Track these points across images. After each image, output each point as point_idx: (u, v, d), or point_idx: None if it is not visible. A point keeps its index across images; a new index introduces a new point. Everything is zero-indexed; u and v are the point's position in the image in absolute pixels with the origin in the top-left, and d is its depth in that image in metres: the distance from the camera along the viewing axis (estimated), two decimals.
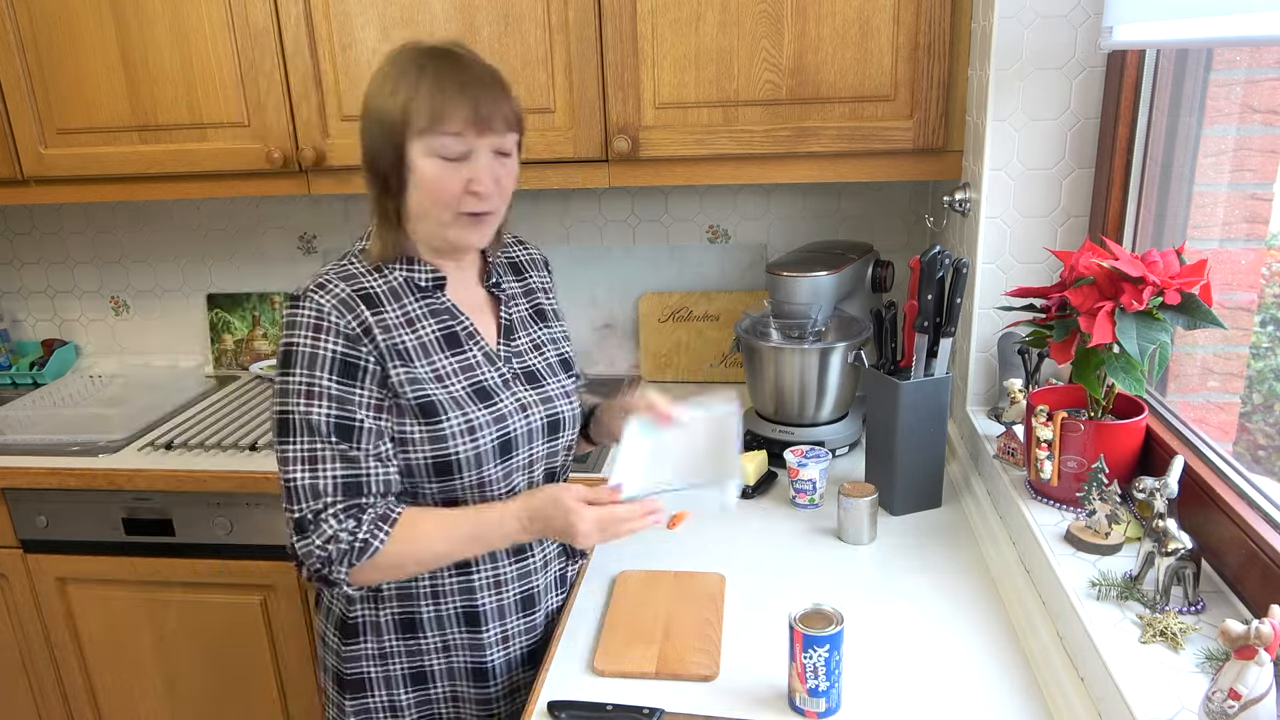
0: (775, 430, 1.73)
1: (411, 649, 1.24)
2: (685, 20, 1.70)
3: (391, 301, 1.16)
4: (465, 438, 1.16)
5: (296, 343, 1.11)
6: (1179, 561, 1.02)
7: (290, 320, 1.12)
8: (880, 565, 1.36)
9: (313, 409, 1.11)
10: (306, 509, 1.10)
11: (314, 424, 1.11)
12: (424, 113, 1.09)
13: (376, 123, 1.12)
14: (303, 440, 1.11)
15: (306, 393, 1.11)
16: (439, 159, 1.11)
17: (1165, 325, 1.13)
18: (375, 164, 1.14)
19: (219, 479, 1.82)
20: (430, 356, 1.17)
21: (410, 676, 1.24)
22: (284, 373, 1.12)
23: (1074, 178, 1.49)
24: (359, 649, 1.23)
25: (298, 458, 1.11)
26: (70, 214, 2.43)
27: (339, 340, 1.11)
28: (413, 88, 1.09)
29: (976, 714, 1.04)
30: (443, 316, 1.20)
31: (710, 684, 1.12)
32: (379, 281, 1.17)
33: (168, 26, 1.85)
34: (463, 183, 1.12)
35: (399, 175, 1.13)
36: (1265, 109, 1.22)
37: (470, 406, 1.17)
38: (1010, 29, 1.43)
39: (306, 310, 1.12)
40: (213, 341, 2.46)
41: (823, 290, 1.72)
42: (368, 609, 1.22)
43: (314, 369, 1.11)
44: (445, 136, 1.10)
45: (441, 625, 1.23)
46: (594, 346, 2.31)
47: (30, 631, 2.04)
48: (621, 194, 2.22)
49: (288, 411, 1.11)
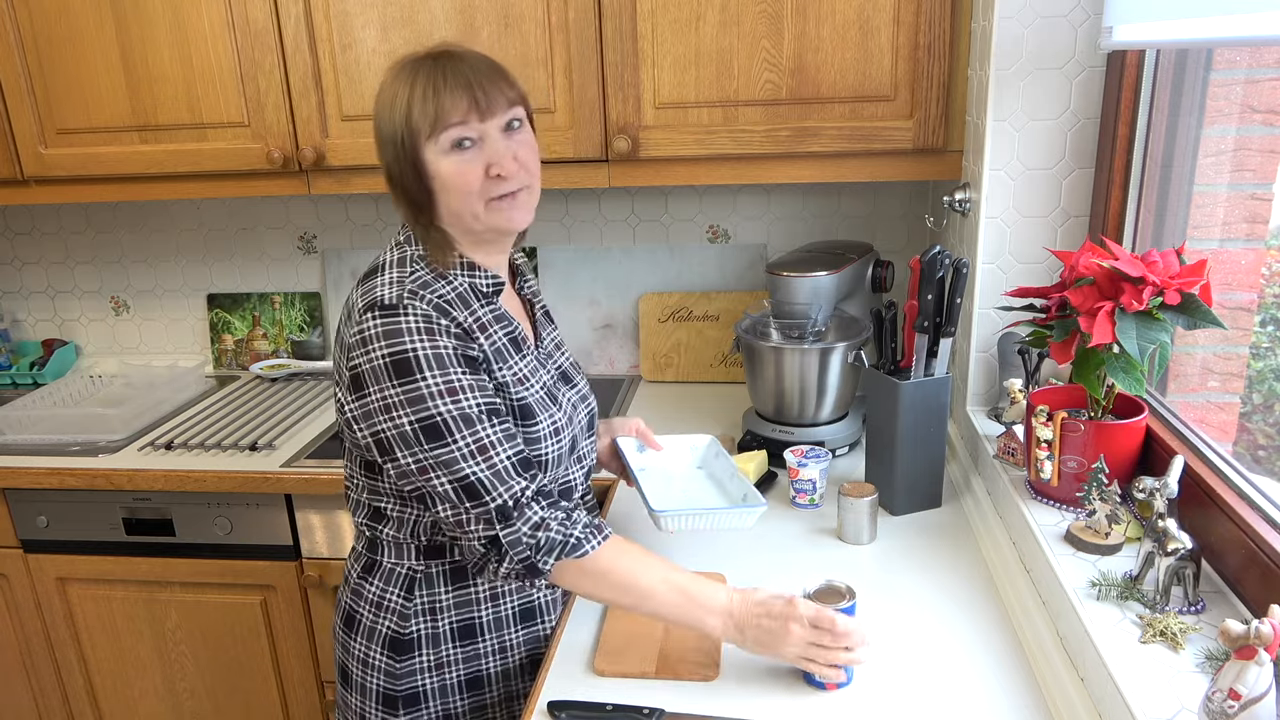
0: (775, 430, 1.73)
1: (469, 654, 1.23)
2: (685, 20, 1.70)
3: (463, 308, 1.14)
4: (552, 439, 1.19)
5: (412, 347, 1.07)
6: (1179, 561, 1.02)
7: (390, 329, 1.07)
8: (880, 565, 1.36)
9: (461, 402, 1.07)
10: (503, 496, 1.07)
11: (469, 416, 1.08)
12: (425, 116, 1.09)
13: (389, 142, 1.12)
14: (463, 435, 1.07)
15: (447, 390, 1.07)
16: (453, 154, 1.11)
17: (1165, 325, 1.13)
18: (399, 182, 1.14)
19: (219, 479, 1.82)
20: (508, 360, 1.17)
21: (467, 682, 1.23)
22: (407, 380, 1.06)
23: (1074, 178, 1.49)
24: (414, 663, 1.21)
25: (466, 454, 1.07)
26: (70, 214, 2.43)
27: (452, 339, 1.09)
28: (409, 96, 1.09)
29: (977, 714, 1.04)
30: (504, 322, 1.20)
31: (710, 684, 1.12)
32: (448, 289, 1.14)
33: (168, 26, 1.85)
34: (483, 169, 1.12)
35: (424, 186, 1.12)
36: (1265, 109, 1.22)
37: (550, 407, 1.20)
38: (1010, 29, 1.43)
39: (411, 316, 1.08)
40: (213, 341, 2.46)
41: (823, 290, 1.72)
42: (424, 622, 1.21)
43: (445, 367, 1.07)
44: (450, 129, 1.09)
45: (500, 626, 1.23)
46: (594, 346, 2.32)
47: (30, 631, 2.04)
48: (621, 194, 2.22)
49: (432, 414, 1.06)
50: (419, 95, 1.09)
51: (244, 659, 1.98)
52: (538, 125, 1.77)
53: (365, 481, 1.21)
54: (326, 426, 2.02)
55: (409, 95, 1.09)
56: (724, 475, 1.39)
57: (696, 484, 1.42)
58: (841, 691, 1.09)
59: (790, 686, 1.10)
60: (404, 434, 1.07)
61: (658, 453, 1.43)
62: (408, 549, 1.21)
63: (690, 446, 1.45)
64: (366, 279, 1.15)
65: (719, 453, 1.42)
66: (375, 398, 1.08)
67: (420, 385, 1.07)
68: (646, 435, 1.44)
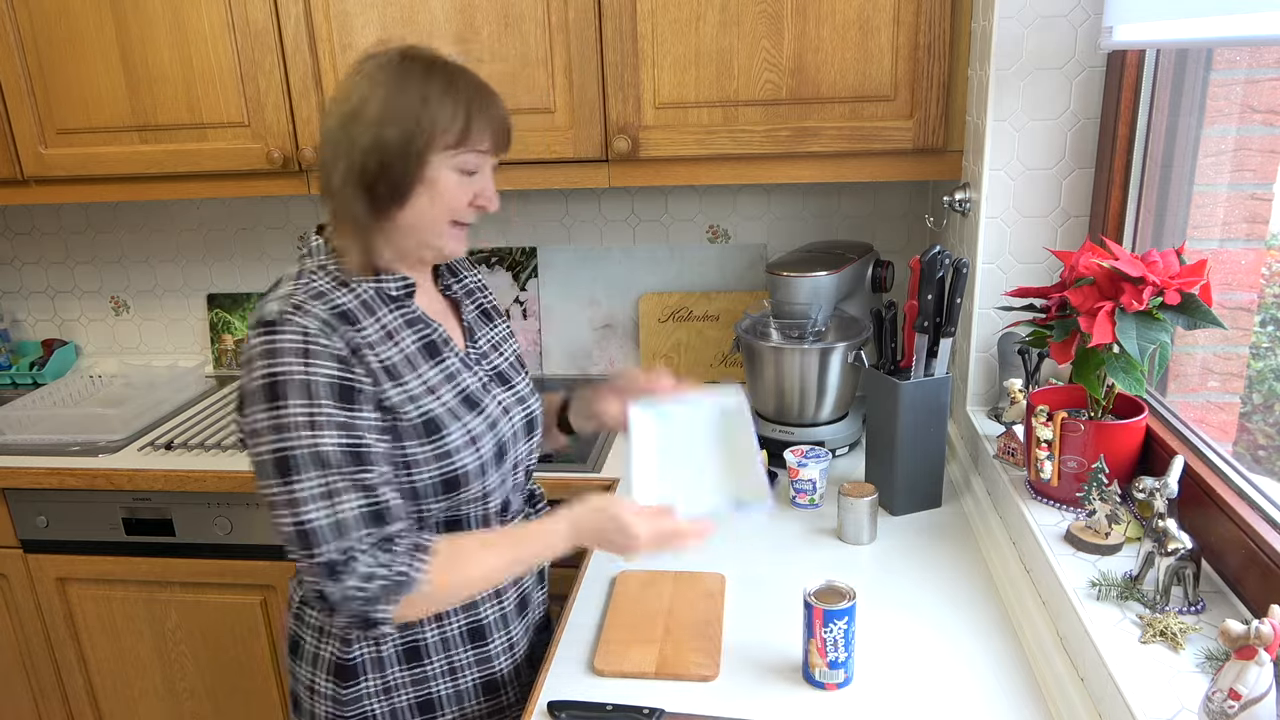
0: (775, 430, 1.73)
1: (417, 677, 1.18)
2: (685, 20, 1.70)
3: (367, 316, 1.09)
4: (468, 449, 1.12)
5: (283, 371, 1.00)
6: (1179, 561, 1.02)
7: (268, 348, 1.01)
8: (880, 565, 1.36)
9: (320, 440, 1.01)
10: (333, 550, 1.00)
11: (324, 456, 1.01)
12: (457, 127, 1.07)
13: (396, 127, 1.05)
14: (313, 476, 1.00)
15: (309, 424, 1.00)
16: (459, 173, 1.10)
17: (1165, 325, 1.13)
18: (379, 169, 1.06)
19: (219, 479, 1.82)
20: (417, 369, 1.11)
21: (418, 705, 1.19)
22: (273, 407, 1.00)
23: (1074, 178, 1.49)
24: (360, 688, 1.16)
25: (310, 496, 1.00)
26: (70, 214, 2.43)
27: (331, 364, 1.03)
28: (444, 98, 1.06)
29: (976, 713, 1.04)
30: (417, 326, 1.15)
31: (710, 684, 1.12)
32: (350, 296, 1.09)
33: (168, 27, 1.85)
34: (470, 196, 1.12)
35: (405, 184, 1.07)
36: (1265, 109, 1.22)
37: (465, 415, 1.14)
38: (1010, 29, 1.43)
39: (288, 335, 1.02)
40: (213, 341, 2.46)
41: (823, 290, 1.72)
42: (367, 646, 1.15)
43: (312, 397, 1.01)
44: (471, 154, 1.09)
45: (447, 647, 1.19)
46: (594, 346, 2.32)
47: (30, 631, 2.04)
48: (621, 194, 2.22)
49: (289, 448, 1.00)
50: (459, 105, 1.07)
51: (244, 659, 1.98)
52: (538, 125, 1.80)
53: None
54: None
55: (446, 97, 1.07)
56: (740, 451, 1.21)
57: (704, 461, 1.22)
58: (841, 691, 1.09)
59: (790, 686, 1.10)
60: (263, 463, 1.02)
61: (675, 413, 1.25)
62: None
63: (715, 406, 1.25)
64: (271, 290, 1.10)
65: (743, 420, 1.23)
66: (248, 419, 1.03)
67: (283, 413, 1.00)
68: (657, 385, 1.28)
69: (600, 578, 1.37)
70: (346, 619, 1.03)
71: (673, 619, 1.23)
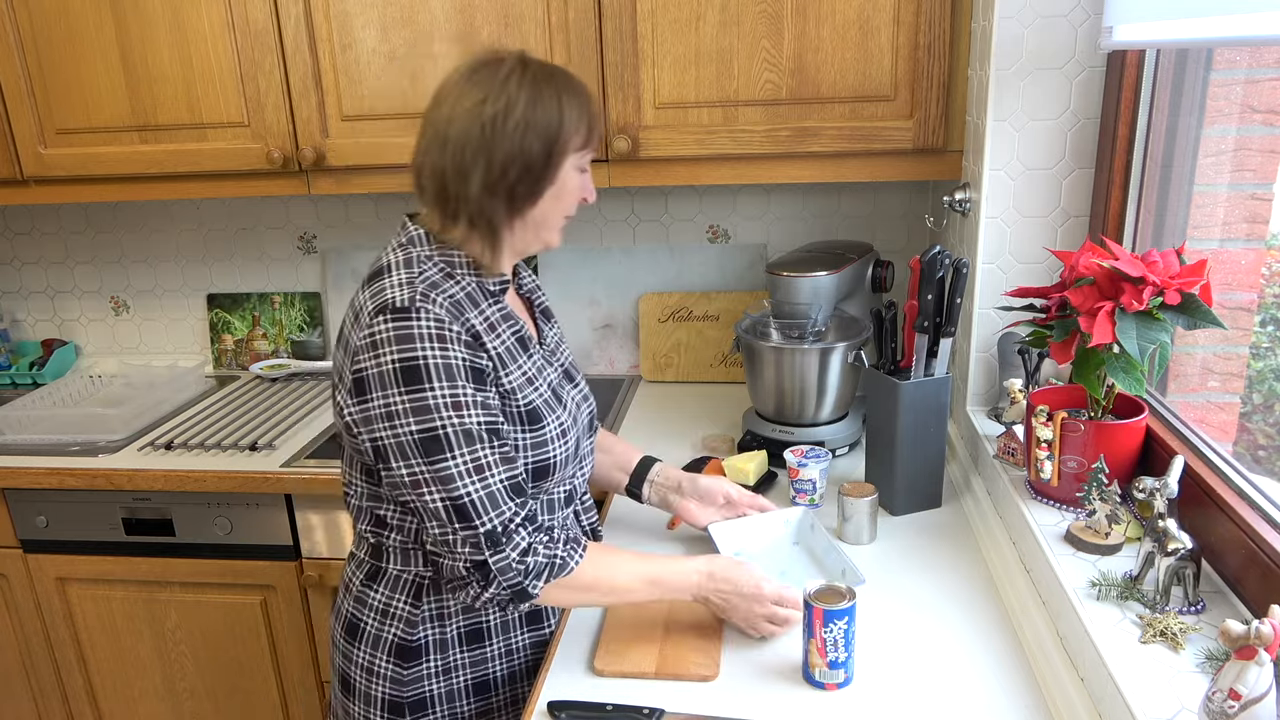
0: (775, 430, 1.73)
1: (476, 658, 1.22)
2: (685, 20, 1.70)
3: (473, 307, 1.13)
4: (559, 441, 1.18)
5: (423, 354, 1.05)
6: (1179, 561, 1.02)
7: (403, 333, 1.05)
8: (880, 565, 1.36)
9: (466, 418, 1.06)
10: (493, 521, 1.06)
11: (472, 433, 1.06)
12: (584, 128, 1.14)
13: (537, 134, 1.09)
14: (464, 452, 1.06)
15: (454, 404, 1.05)
16: (579, 171, 1.17)
17: (1165, 325, 1.13)
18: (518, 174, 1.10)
19: (219, 479, 1.82)
20: (517, 361, 1.16)
21: (474, 686, 1.23)
22: (415, 389, 1.04)
23: (1074, 178, 1.49)
24: (421, 669, 1.20)
25: (464, 471, 1.06)
26: (70, 214, 2.43)
27: (463, 348, 1.07)
28: (571, 103, 1.12)
29: (977, 714, 1.04)
30: (510, 321, 1.19)
31: (710, 684, 1.12)
32: (456, 288, 1.13)
33: (168, 26, 1.85)
34: (585, 193, 1.20)
35: (540, 187, 1.13)
36: (1265, 109, 1.22)
37: (557, 409, 1.20)
38: (1010, 29, 1.43)
39: (425, 321, 1.06)
40: (213, 341, 2.46)
41: (823, 290, 1.72)
42: (432, 628, 1.19)
43: (453, 379, 1.06)
44: (590, 151, 1.18)
45: (507, 630, 1.23)
46: (594, 346, 2.32)
47: (30, 631, 2.04)
48: (621, 194, 2.22)
49: (437, 426, 1.05)
50: (583, 106, 1.14)
51: (244, 659, 1.98)
52: None
53: (365, 488, 1.18)
54: (326, 426, 2.02)
55: (572, 102, 1.12)
56: (821, 550, 1.34)
57: (794, 564, 1.37)
58: (841, 691, 1.09)
59: (790, 686, 1.10)
60: (402, 444, 1.06)
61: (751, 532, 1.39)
62: (415, 555, 1.18)
63: (784, 521, 1.41)
64: (373, 280, 1.12)
65: (814, 524, 1.38)
66: (378, 403, 1.06)
67: (427, 395, 1.05)
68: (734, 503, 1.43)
69: None
70: (499, 590, 1.08)
71: (673, 619, 1.23)
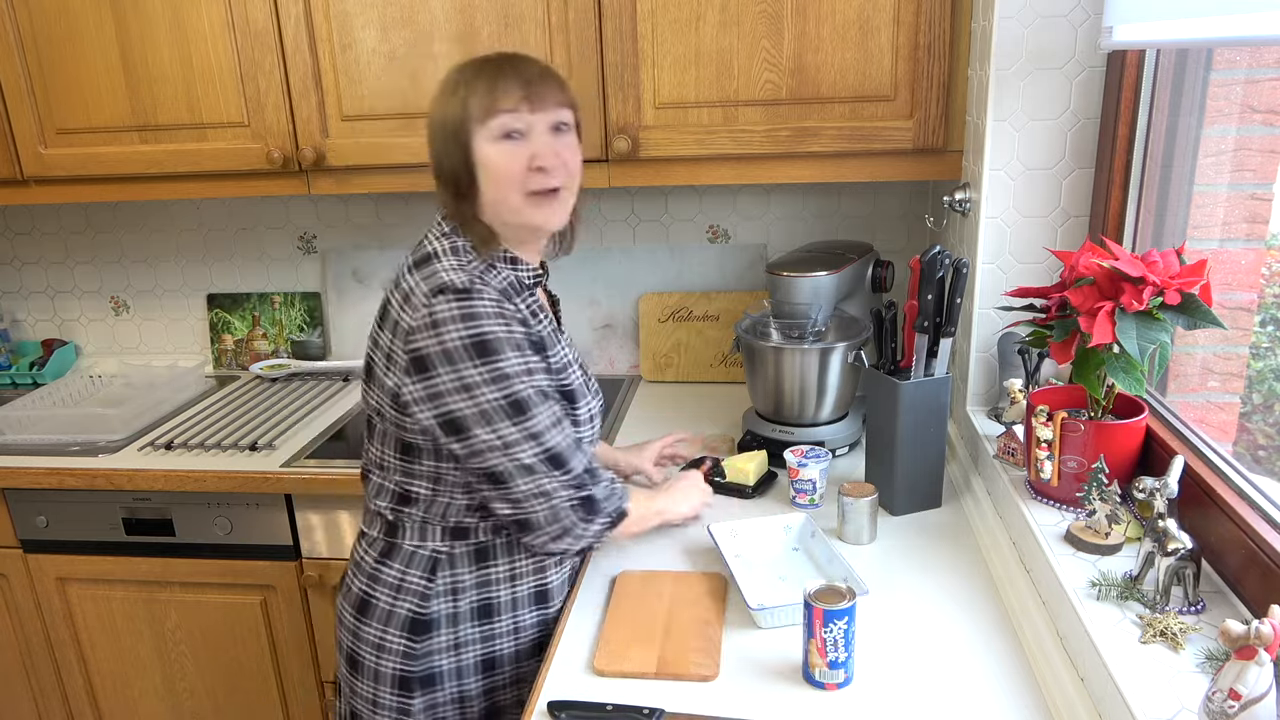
0: (775, 430, 1.73)
1: (485, 634, 1.27)
2: (685, 20, 1.70)
3: (516, 297, 1.21)
4: (588, 424, 1.27)
5: (489, 330, 1.12)
6: (1179, 561, 1.02)
7: (467, 312, 1.12)
8: (880, 565, 1.36)
9: (538, 382, 1.15)
10: (581, 462, 1.18)
11: (546, 393, 1.16)
12: (480, 101, 1.15)
13: (440, 126, 1.18)
14: (544, 410, 1.15)
15: (526, 370, 1.14)
16: (501, 141, 1.16)
17: (1165, 325, 1.13)
18: (444, 166, 1.19)
19: (219, 479, 1.82)
20: (554, 347, 1.24)
21: (481, 663, 1.27)
22: (490, 359, 1.12)
23: (1074, 178, 1.49)
24: (432, 643, 1.24)
25: (549, 426, 1.15)
26: (70, 214, 2.43)
27: (519, 325, 1.15)
28: (470, 84, 1.16)
29: (977, 714, 1.04)
30: (541, 314, 1.26)
31: (710, 684, 1.12)
32: (498, 279, 1.20)
33: (168, 26, 1.85)
34: (526, 160, 1.17)
35: (468, 171, 1.17)
36: (1265, 109, 1.22)
37: (588, 394, 1.28)
38: (1010, 29, 1.43)
39: (484, 301, 1.13)
40: (213, 341, 2.46)
41: (823, 290, 1.72)
42: (445, 602, 1.24)
43: (521, 350, 1.14)
44: (501, 115, 1.15)
45: (515, 606, 1.28)
46: (594, 346, 2.32)
47: (30, 631, 2.04)
48: (621, 194, 2.22)
49: (518, 390, 1.13)
50: (480, 83, 1.16)
51: (244, 659, 1.98)
52: None
53: (399, 464, 1.23)
54: (326, 426, 2.02)
55: (469, 84, 1.16)
56: (822, 557, 1.34)
57: (794, 569, 1.36)
58: (842, 691, 1.09)
59: (790, 686, 1.10)
60: (485, 411, 1.12)
61: (752, 536, 1.41)
62: (433, 531, 1.24)
63: (785, 526, 1.41)
64: (421, 265, 1.18)
65: (814, 531, 1.38)
66: (448, 378, 1.12)
67: (502, 364, 1.12)
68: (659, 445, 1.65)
69: (601, 577, 1.37)
70: (605, 516, 1.21)
71: (673, 619, 1.23)
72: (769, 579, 1.33)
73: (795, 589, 1.26)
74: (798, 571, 1.35)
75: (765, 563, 1.38)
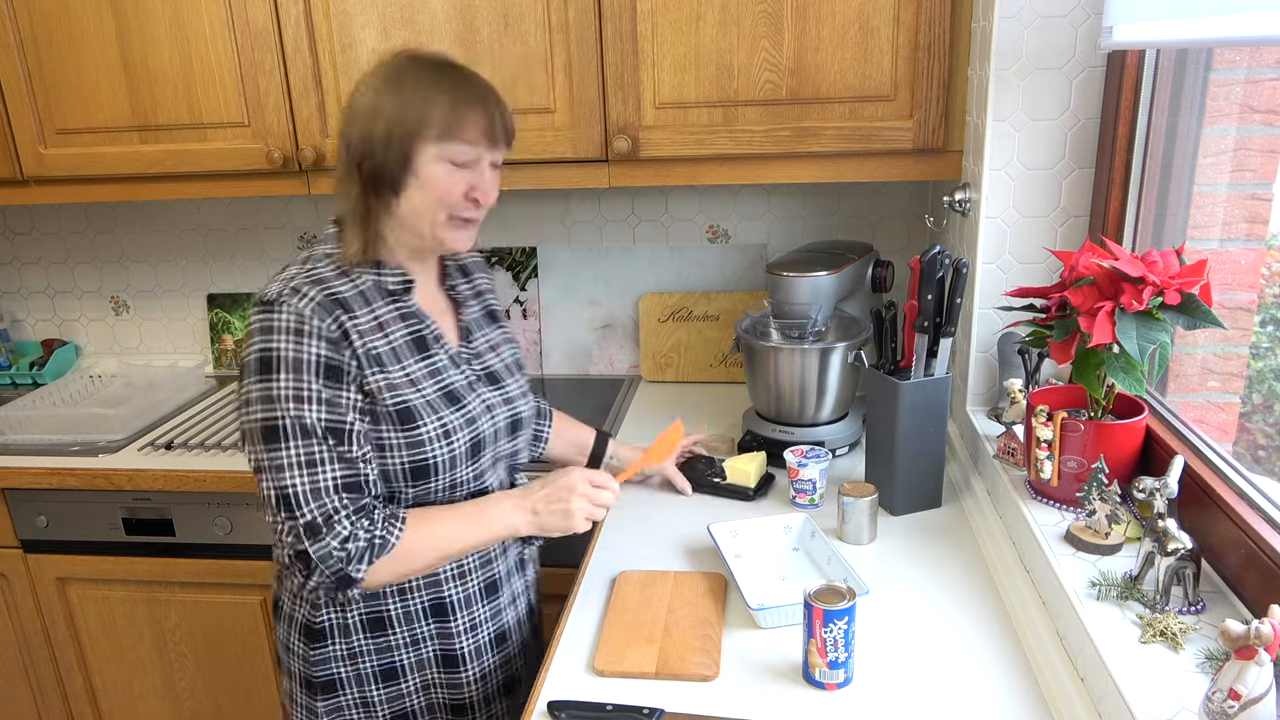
0: (775, 430, 1.73)
1: (380, 646, 1.25)
2: (685, 20, 1.70)
3: (362, 306, 1.16)
4: (441, 442, 1.18)
5: (276, 347, 1.09)
6: (1179, 561, 1.02)
7: (264, 325, 1.10)
8: (880, 565, 1.36)
9: (304, 412, 1.09)
10: (313, 513, 1.10)
11: (308, 427, 1.09)
12: (442, 118, 1.12)
13: (385, 120, 1.12)
14: (297, 445, 1.09)
15: (295, 397, 1.09)
16: (449, 164, 1.14)
17: (1165, 325, 1.13)
18: (371, 161, 1.14)
19: (219, 479, 1.82)
20: (402, 361, 1.18)
21: (381, 673, 1.26)
22: (264, 379, 1.09)
23: (1074, 178, 1.49)
24: (326, 651, 1.24)
25: (294, 463, 1.09)
26: (70, 214, 2.43)
27: (321, 344, 1.11)
28: (431, 92, 1.12)
29: (976, 713, 1.04)
30: (411, 320, 1.21)
31: (710, 684, 1.12)
32: (348, 286, 1.17)
33: (168, 26, 1.85)
34: (465, 188, 1.17)
35: (398, 176, 1.14)
36: (1265, 109, 1.22)
37: (443, 410, 1.20)
38: (1010, 29, 1.43)
39: (284, 315, 1.10)
40: (213, 341, 2.46)
41: (823, 290, 1.72)
42: (333, 612, 1.23)
43: (300, 373, 1.09)
44: (460, 144, 1.14)
45: (410, 620, 1.25)
46: (594, 346, 2.32)
47: (30, 631, 2.04)
48: (621, 194, 2.22)
49: (275, 417, 1.09)
50: (443, 96, 1.12)
51: (244, 659, 1.98)
52: (538, 125, 1.80)
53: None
54: None
55: (432, 91, 1.12)
56: (822, 557, 1.34)
57: (794, 569, 1.36)
58: (841, 691, 1.09)
59: (790, 686, 1.10)
60: (249, 430, 1.11)
61: (752, 536, 1.40)
62: None
63: (784, 526, 1.41)
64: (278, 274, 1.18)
65: (815, 531, 1.38)
66: (241, 390, 1.12)
67: (273, 385, 1.09)
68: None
69: (600, 577, 1.37)
70: (323, 578, 1.11)
71: (673, 619, 1.23)
72: (769, 579, 1.33)
73: (795, 589, 1.26)
74: (798, 571, 1.35)
75: (765, 563, 1.38)
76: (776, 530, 1.42)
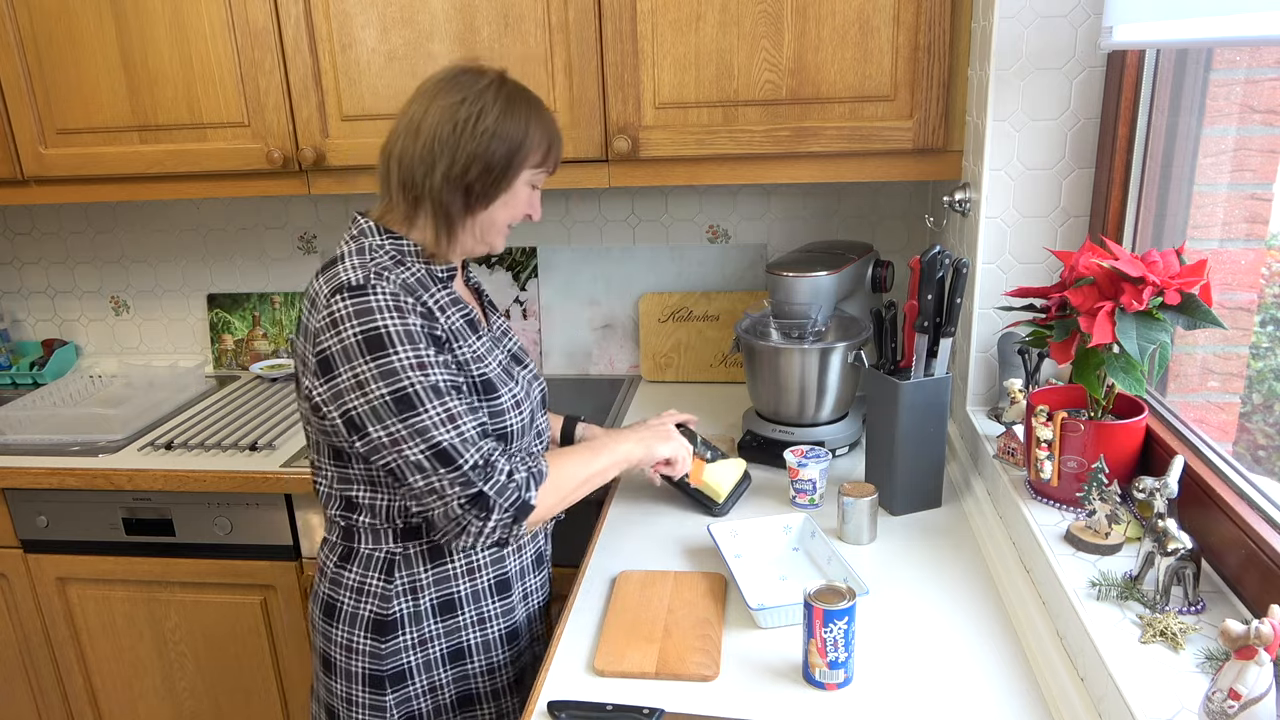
0: (775, 430, 1.73)
1: (450, 628, 1.29)
2: (685, 20, 1.70)
3: (424, 290, 1.21)
4: (513, 411, 1.27)
5: (384, 323, 1.12)
6: (1179, 561, 1.02)
7: (361, 308, 1.12)
8: (880, 565, 1.36)
9: (430, 375, 1.14)
10: (475, 456, 1.14)
11: (439, 388, 1.14)
12: (539, 146, 1.23)
13: (501, 143, 1.20)
14: (433, 405, 1.13)
15: (417, 365, 1.13)
16: (529, 186, 1.27)
17: (1165, 325, 1.13)
18: (478, 174, 1.20)
19: (219, 479, 1.82)
20: (467, 339, 1.24)
21: (449, 655, 1.30)
22: (379, 355, 1.12)
23: (1074, 178, 1.49)
24: (398, 642, 1.27)
25: (436, 422, 1.13)
26: (70, 214, 2.43)
27: (419, 318, 1.15)
28: (537, 121, 1.23)
29: (976, 713, 1.04)
30: (459, 305, 1.27)
31: (710, 684, 1.12)
32: (408, 274, 1.21)
33: (168, 26, 1.85)
34: (528, 208, 1.29)
35: (495, 190, 1.22)
36: (1265, 109, 1.22)
37: (509, 382, 1.28)
38: (1010, 29, 1.43)
39: (380, 295, 1.14)
40: (213, 341, 2.46)
41: (823, 290, 1.72)
42: (406, 601, 1.26)
43: (415, 343, 1.14)
44: (544, 172, 1.27)
45: (477, 599, 1.30)
46: (594, 346, 2.32)
47: (30, 631, 2.04)
48: (621, 194, 2.22)
49: (405, 385, 1.12)
50: (546, 126, 1.24)
51: (244, 659, 1.98)
52: None
53: (335, 471, 1.24)
54: None
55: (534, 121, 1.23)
56: (822, 557, 1.34)
57: (794, 569, 1.36)
58: (841, 691, 1.09)
59: (790, 686, 1.10)
60: (375, 408, 1.12)
61: (752, 536, 1.40)
62: (384, 533, 1.25)
63: (784, 526, 1.41)
64: (327, 269, 1.20)
65: (814, 532, 1.38)
66: (346, 376, 1.13)
67: (392, 359, 1.12)
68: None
69: (601, 577, 1.37)
70: (503, 515, 1.16)
71: (673, 619, 1.23)
72: (769, 579, 1.33)
73: (795, 589, 1.26)
74: (798, 571, 1.35)
75: (765, 563, 1.38)
76: (776, 530, 1.42)
